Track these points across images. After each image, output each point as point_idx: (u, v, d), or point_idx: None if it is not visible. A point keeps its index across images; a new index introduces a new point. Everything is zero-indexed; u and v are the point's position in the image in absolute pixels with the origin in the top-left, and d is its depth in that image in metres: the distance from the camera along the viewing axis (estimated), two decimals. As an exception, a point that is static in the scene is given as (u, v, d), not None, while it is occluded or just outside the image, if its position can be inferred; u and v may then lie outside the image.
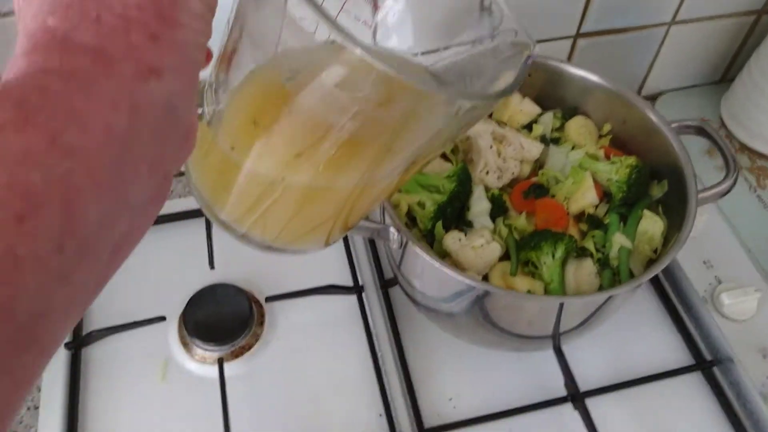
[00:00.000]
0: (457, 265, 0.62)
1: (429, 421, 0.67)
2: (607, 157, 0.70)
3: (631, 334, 0.74)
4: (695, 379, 0.70)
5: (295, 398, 0.69)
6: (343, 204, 0.41)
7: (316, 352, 0.73)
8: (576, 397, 0.65)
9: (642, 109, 0.68)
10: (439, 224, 0.63)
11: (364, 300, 0.75)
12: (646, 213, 0.64)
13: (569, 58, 0.88)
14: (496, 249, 0.62)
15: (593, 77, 0.71)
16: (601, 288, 0.61)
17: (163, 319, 0.72)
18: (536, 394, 0.69)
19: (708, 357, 0.71)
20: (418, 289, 0.65)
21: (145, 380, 0.70)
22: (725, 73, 0.98)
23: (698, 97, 0.96)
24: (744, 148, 0.90)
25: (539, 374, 0.70)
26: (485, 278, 0.62)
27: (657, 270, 0.55)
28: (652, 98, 0.98)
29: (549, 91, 0.74)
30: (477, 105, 0.36)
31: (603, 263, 0.62)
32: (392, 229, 0.60)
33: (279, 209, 0.40)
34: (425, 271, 0.60)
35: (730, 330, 0.70)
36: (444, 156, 0.71)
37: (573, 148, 0.71)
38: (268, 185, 0.39)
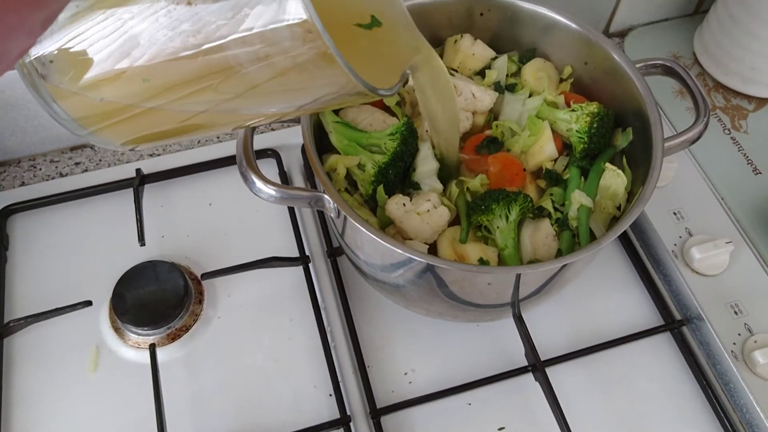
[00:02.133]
0: (401, 233, 0.56)
1: (383, 400, 0.62)
2: (568, 104, 0.63)
3: (598, 294, 0.69)
4: (664, 340, 0.66)
5: (239, 380, 0.64)
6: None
7: (260, 330, 0.67)
8: (537, 366, 0.61)
9: (605, 48, 0.61)
10: (381, 188, 0.56)
11: (311, 271, 0.70)
12: (609, 167, 0.58)
13: (529, -6, 0.80)
14: (444, 214, 0.56)
15: (551, 14, 0.63)
16: (559, 252, 0.55)
17: (89, 303, 0.65)
18: (497, 365, 0.64)
19: (677, 316, 0.67)
20: (362, 261, 0.59)
21: (74, 370, 0.65)
22: (699, 4, 0.90)
23: (670, 32, 0.89)
24: (718, 85, 0.83)
25: (500, 343, 0.66)
26: (434, 246, 0.57)
27: (617, 232, 0.50)
28: (621, 35, 0.90)
29: (504, 32, 0.67)
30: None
31: (562, 224, 0.57)
32: (327, 197, 0.53)
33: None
34: (365, 243, 0.54)
35: (701, 286, 0.65)
36: (388, 109, 0.64)
37: (530, 95, 0.64)
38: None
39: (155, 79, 0.37)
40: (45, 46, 0.38)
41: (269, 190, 0.54)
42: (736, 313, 0.65)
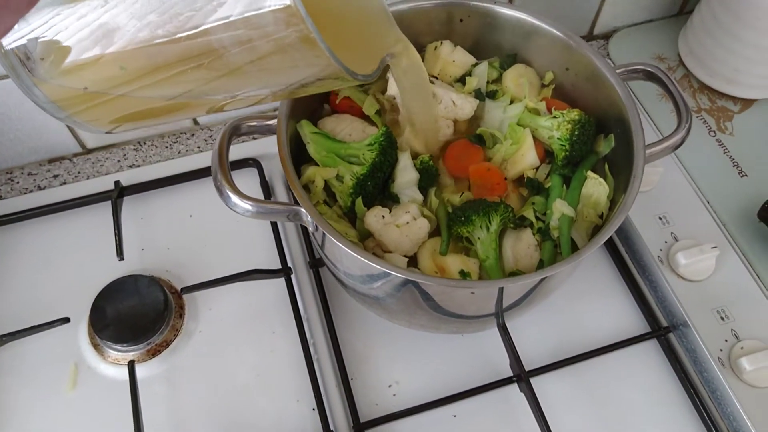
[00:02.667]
0: (381, 246, 0.55)
1: (366, 413, 0.62)
2: (550, 110, 0.62)
3: (583, 301, 0.68)
4: (650, 347, 0.65)
5: (221, 395, 0.63)
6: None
7: (242, 344, 0.66)
8: (521, 377, 0.60)
9: (585, 53, 0.60)
10: (359, 201, 0.56)
11: (294, 282, 0.69)
12: (590, 175, 0.57)
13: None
14: (424, 226, 0.55)
15: (532, 20, 0.63)
16: (541, 263, 0.54)
17: (67, 320, 0.64)
18: (482, 376, 0.63)
19: (664, 323, 0.66)
20: (343, 274, 0.58)
21: (53, 387, 0.63)
22: (684, 5, 0.89)
23: (655, 33, 0.88)
24: (703, 87, 0.83)
25: (485, 354, 0.65)
26: (414, 258, 0.56)
27: (597, 244, 0.49)
28: (606, 36, 0.90)
29: (484, 38, 0.66)
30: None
31: (544, 233, 0.56)
32: (303, 211, 0.52)
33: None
34: (344, 258, 0.53)
35: (687, 292, 0.65)
36: (367, 118, 0.63)
37: (511, 101, 0.64)
38: None
39: (133, 64, 0.38)
40: (26, 31, 0.38)
41: (245, 205, 0.53)
42: (722, 318, 0.64)
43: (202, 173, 0.76)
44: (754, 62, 0.76)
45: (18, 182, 0.77)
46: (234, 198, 0.52)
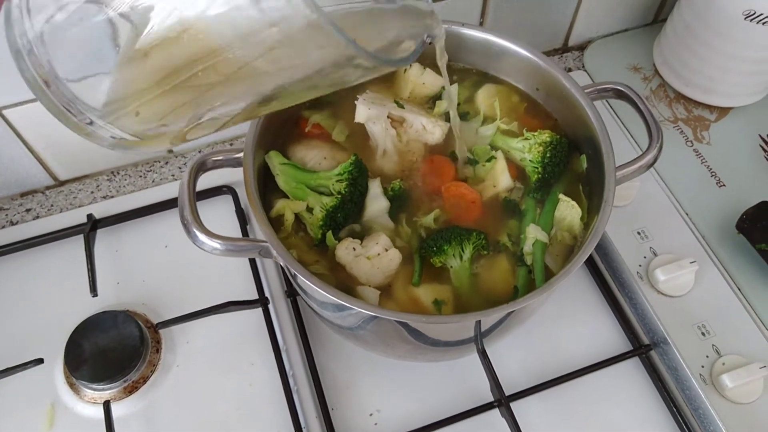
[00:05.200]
0: (352, 279, 0.54)
1: (347, 444, 0.61)
2: (523, 128, 0.62)
3: (564, 320, 0.68)
4: (632, 366, 0.65)
5: (200, 429, 0.62)
6: None
7: (220, 376, 0.65)
8: (502, 402, 0.60)
9: (555, 74, 0.60)
10: (330, 234, 0.55)
11: (271, 312, 0.68)
12: (562, 198, 0.56)
13: (483, 12, 0.78)
14: (395, 257, 0.54)
15: (500, 41, 0.62)
16: (515, 289, 0.54)
17: (40, 361, 0.63)
18: (464, 402, 0.63)
19: (645, 340, 0.65)
20: (317, 307, 0.57)
21: (30, 429, 0.62)
22: (658, 13, 0.89)
23: (630, 43, 0.88)
24: (679, 96, 0.82)
25: (465, 379, 0.64)
26: (387, 288, 0.55)
27: (571, 271, 0.48)
28: (581, 48, 0.89)
29: (454, 59, 0.65)
30: (361, 63, 0.36)
31: (518, 259, 0.55)
32: (271, 248, 0.51)
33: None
34: (316, 294, 0.53)
35: (667, 308, 0.64)
36: (337, 144, 0.62)
37: (484, 121, 0.63)
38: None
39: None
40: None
41: (213, 243, 0.52)
42: (703, 334, 0.64)
43: (176, 202, 0.74)
44: (728, 71, 0.76)
45: (-11, 218, 0.76)
46: (201, 236, 0.52)
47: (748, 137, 0.78)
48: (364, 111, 0.59)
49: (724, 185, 0.74)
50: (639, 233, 0.69)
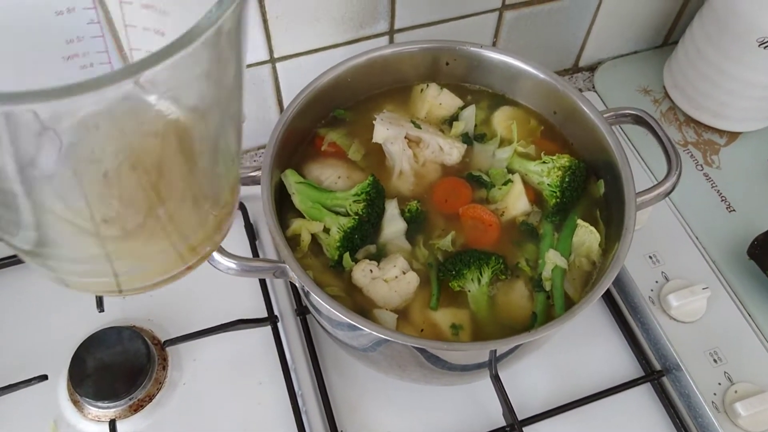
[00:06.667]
0: (369, 302, 0.54)
1: (357, 467, 0.60)
2: (540, 151, 0.61)
3: (576, 345, 0.67)
4: (644, 392, 0.64)
5: (207, 451, 0.61)
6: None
7: (227, 396, 0.64)
8: (514, 427, 0.59)
9: (572, 98, 0.60)
10: (347, 255, 0.54)
11: (280, 331, 0.67)
12: (581, 223, 0.56)
13: (496, 33, 0.78)
14: (413, 280, 0.53)
15: (518, 63, 0.62)
16: (533, 315, 0.53)
17: (44, 378, 0.62)
18: (476, 426, 0.62)
19: (657, 366, 0.65)
20: (330, 329, 0.56)
21: (32, 448, 0.61)
22: (668, 36, 0.90)
23: (640, 65, 0.88)
24: (689, 120, 0.83)
25: (478, 403, 0.63)
26: (404, 312, 0.54)
27: (593, 300, 0.48)
28: (591, 69, 0.89)
29: (471, 80, 0.65)
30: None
31: (536, 284, 0.55)
32: (289, 268, 0.51)
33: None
34: (331, 314, 0.52)
35: (679, 334, 0.64)
36: (353, 163, 0.62)
37: (500, 144, 0.63)
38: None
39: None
40: None
41: (228, 263, 0.51)
42: (715, 361, 0.63)
43: (184, 216, 0.74)
44: (739, 96, 0.76)
45: (-7, 228, 0.74)
46: (216, 256, 0.51)
47: (758, 162, 0.79)
48: (382, 131, 0.59)
49: (734, 210, 0.75)
50: (651, 257, 0.69)
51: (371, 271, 0.53)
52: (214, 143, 0.34)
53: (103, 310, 0.66)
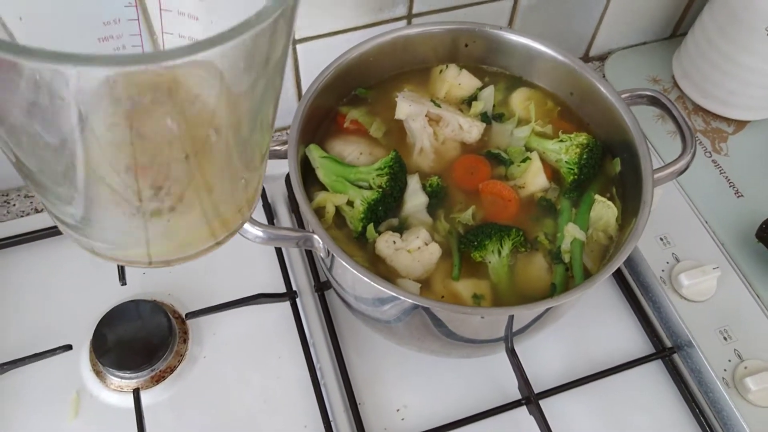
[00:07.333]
0: (392, 272, 0.55)
1: (375, 438, 0.61)
2: (557, 131, 0.63)
3: (589, 323, 0.69)
4: (656, 369, 0.66)
5: (227, 421, 0.62)
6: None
7: (247, 369, 0.65)
8: (530, 399, 0.60)
9: (589, 79, 0.61)
10: (371, 226, 0.55)
11: (299, 306, 0.68)
12: (598, 198, 0.58)
13: (511, 20, 0.80)
14: (435, 251, 0.55)
15: (536, 45, 0.63)
16: (552, 286, 0.55)
17: (69, 348, 0.63)
18: (491, 399, 0.63)
19: (668, 343, 0.67)
20: (352, 299, 0.58)
21: (54, 416, 0.62)
22: (677, 27, 0.91)
23: (649, 55, 0.90)
24: (698, 108, 0.84)
25: (493, 377, 0.65)
26: (426, 282, 0.56)
27: (611, 270, 0.49)
28: (601, 58, 0.91)
29: (490, 62, 0.67)
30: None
31: (555, 257, 0.56)
32: (316, 238, 0.52)
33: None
34: (356, 283, 0.53)
35: (690, 312, 0.66)
36: (375, 140, 0.63)
37: (518, 123, 0.64)
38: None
39: None
40: None
41: (256, 231, 0.52)
42: (725, 338, 0.65)
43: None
44: (749, 84, 0.78)
45: (14, 205, 0.76)
46: (245, 224, 0.52)
47: (766, 150, 0.80)
48: (405, 107, 0.60)
49: (742, 195, 0.76)
50: (662, 239, 0.71)
51: (394, 242, 0.55)
52: (256, 114, 0.35)
53: (125, 284, 0.67)
